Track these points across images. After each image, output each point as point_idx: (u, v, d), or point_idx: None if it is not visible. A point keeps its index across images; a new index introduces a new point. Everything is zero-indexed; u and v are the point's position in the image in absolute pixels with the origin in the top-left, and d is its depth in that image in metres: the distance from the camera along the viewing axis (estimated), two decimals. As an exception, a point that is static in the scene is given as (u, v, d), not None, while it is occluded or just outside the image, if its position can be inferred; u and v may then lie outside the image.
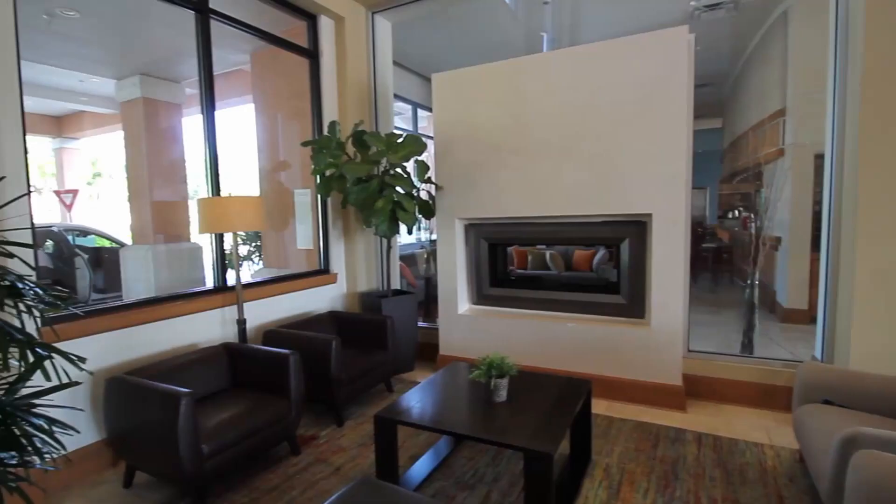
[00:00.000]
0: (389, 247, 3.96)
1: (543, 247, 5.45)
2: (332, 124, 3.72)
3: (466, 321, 3.89)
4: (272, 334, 3.19)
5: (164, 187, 5.70)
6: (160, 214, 5.64)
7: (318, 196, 4.05)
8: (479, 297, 4.03)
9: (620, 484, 2.29)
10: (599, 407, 3.20)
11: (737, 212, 8.54)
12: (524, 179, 3.57)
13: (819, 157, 4.52)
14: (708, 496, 2.18)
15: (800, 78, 4.94)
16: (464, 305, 4.02)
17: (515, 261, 5.59)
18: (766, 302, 5.94)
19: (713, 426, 2.89)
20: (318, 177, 3.83)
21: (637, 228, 3.32)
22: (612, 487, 2.26)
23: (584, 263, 5.56)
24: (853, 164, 2.66)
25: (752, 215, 6.52)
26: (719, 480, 2.30)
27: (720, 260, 8.46)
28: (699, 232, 9.27)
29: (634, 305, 3.40)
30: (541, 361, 3.58)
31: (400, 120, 7.77)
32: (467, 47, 6.45)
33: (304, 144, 3.75)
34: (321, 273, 4.13)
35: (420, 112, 7.63)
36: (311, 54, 4.08)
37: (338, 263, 4.26)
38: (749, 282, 4.06)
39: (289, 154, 4.72)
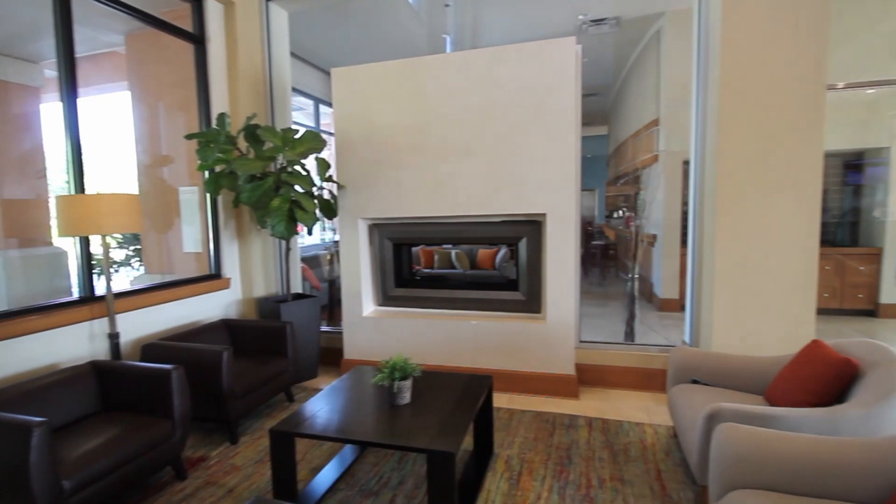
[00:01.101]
0: (288, 248, 3.76)
1: (450, 246, 5.54)
2: (221, 116, 3.44)
3: (371, 323, 3.83)
4: (152, 348, 2.87)
5: (18, 183, 4.88)
6: (12, 215, 4.83)
7: (208, 194, 3.73)
8: (385, 299, 3.98)
9: (520, 474, 2.39)
10: (501, 400, 3.32)
11: (621, 212, 9.37)
12: (427, 179, 3.59)
13: (686, 163, 5.11)
14: (598, 477, 2.35)
15: (670, 91, 5.54)
16: (369, 307, 3.95)
17: (422, 260, 5.61)
18: (645, 293, 6.59)
19: (602, 410, 3.13)
20: (205, 173, 3.52)
21: (533, 227, 3.49)
22: (513, 478, 2.35)
23: (487, 262, 5.74)
24: (713, 171, 3.03)
25: (633, 215, 7.19)
26: (607, 461, 2.50)
27: (607, 256, 9.23)
28: (589, 231, 10.03)
29: (532, 301, 3.58)
30: (446, 360, 3.62)
31: (302, 115, 7.44)
32: (371, 45, 6.35)
33: (189, 137, 3.42)
34: (212, 278, 3.80)
35: (323, 108, 7.37)
36: (197, 39, 3.73)
37: (231, 267, 3.95)
38: (630, 276, 4.45)
39: (173, 148, 4.29)
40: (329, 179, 3.72)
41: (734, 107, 2.92)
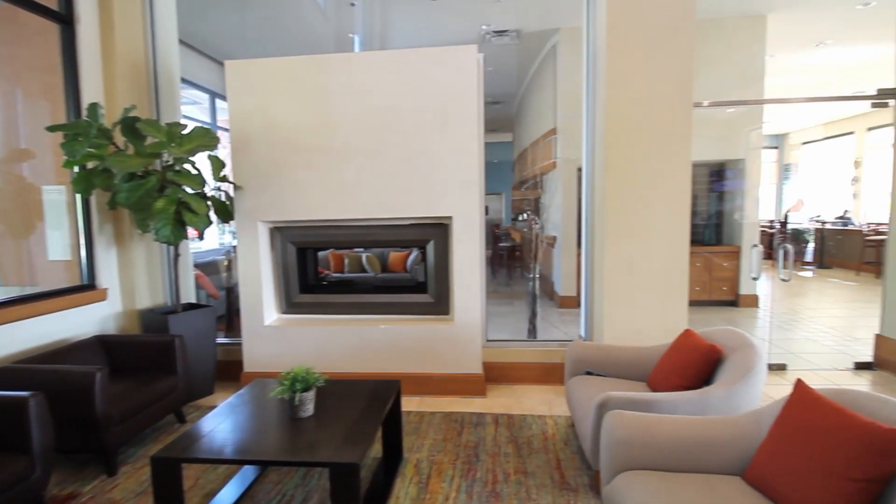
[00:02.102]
0: (178, 254, 3.44)
1: (361, 249, 5.43)
2: (93, 107, 3.06)
3: (274, 333, 3.62)
4: (5, 373, 2.46)
5: None
6: None
7: (78, 195, 3.29)
8: (289, 306, 3.79)
9: (429, 477, 2.39)
10: (411, 404, 3.31)
11: (525, 215, 9.85)
12: (332, 181, 3.49)
13: (580, 171, 5.50)
14: (503, 471, 2.43)
15: (566, 103, 5.92)
16: (271, 316, 3.74)
17: (332, 264, 5.44)
18: (547, 291, 6.98)
19: (508, 406, 3.24)
20: (74, 170, 3.11)
21: (440, 230, 3.54)
22: (422, 482, 2.35)
23: (399, 265, 5.72)
24: (602, 178, 3.28)
25: (536, 218, 7.58)
26: (512, 455, 2.59)
27: (514, 257, 9.64)
28: (496, 233, 10.42)
29: (440, 303, 3.62)
30: (356, 367, 3.54)
31: (198, 110, 6.88)
32: (273, 38, 6.04)
33: (51, 129, 3.00)
34: (85, 289, 3.36)
35: (221, 103, 6.87)
36: (64, 18, 3.29)
37: (108, 276, 3.52)
38: (531, 275, 4.68)
39: (34, 141, 3.73)
40: (224, 179, 3.46)
41: (618, 121, 3.18)
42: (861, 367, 3.88)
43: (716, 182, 6.64)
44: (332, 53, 3.47)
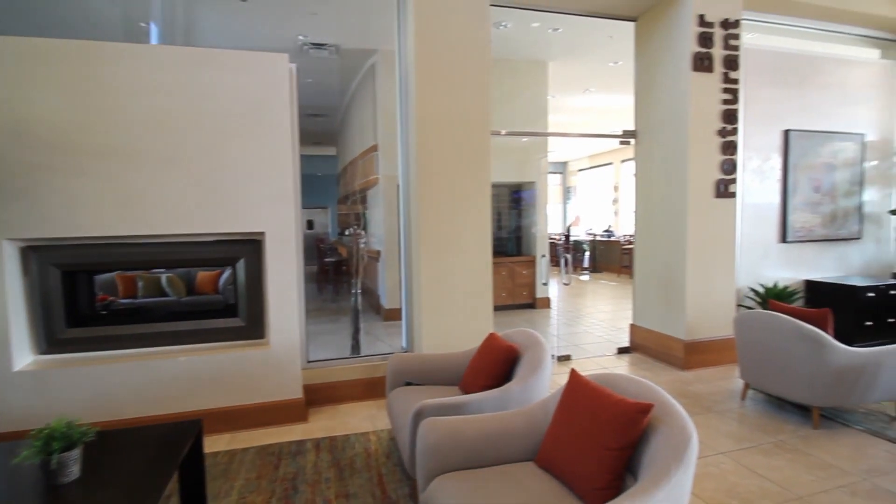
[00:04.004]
0: None
1: (163, 270, 4.68)
2: None
3: (29, 380, 2.87)
4: None
5: None
6: None
7: None
8: (51, 344, 3.05)
9: (240, 521, 2.16)
10: (220, 443, 2.96)
11: (352, 229, 9.81)
12: (115, 191, 2.94)
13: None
14: (323, 499, 2.33)
15: (385, 121, 6.10)
16: (24, 358, 2.95)
17: (120, 289, 4.57)
18: (374, 305, 7.04)
19: (330, 428, 3.14)
20: None
21: (252, 247, 3.27)
22: (231, 528, 2.11)
23: (209, 285, 5.09)
24: (416, 195, 3.45)
25: (362, 232, 7.61)
26: (334, 480, 2.50)
27: (341, 272, 9.48)
28: (321, 247, 10.14)
29: (253, 326, 3.33)
30: (149, 409, 3.01)
31: None
32: (44, 16, 4.87)
33: None
34: None
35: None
36: None
37: None
38: (353, 290, 4.66)
39: None
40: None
41: (429, 143, 3.40)
42: (622, 351, 4.82)
43: (516, 201, 7.59)
44: (120, 42, 2.95)
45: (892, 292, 4.64)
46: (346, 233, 10.42)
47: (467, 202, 3.49)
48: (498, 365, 2.51)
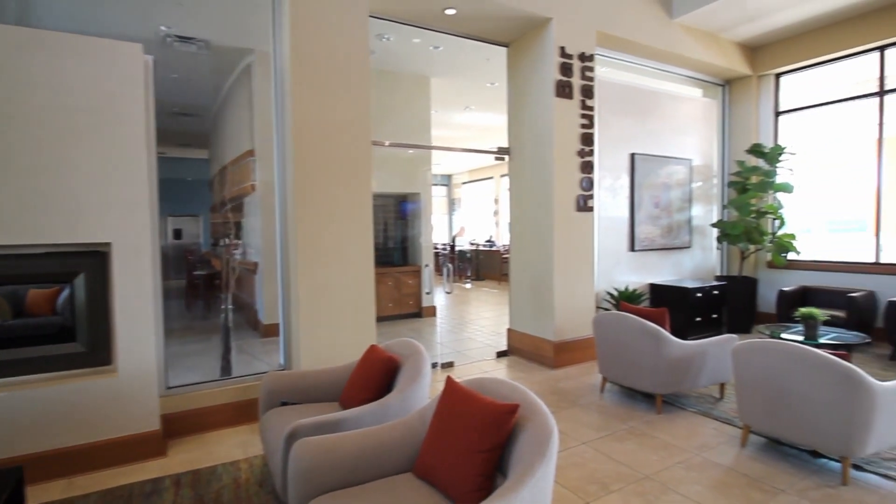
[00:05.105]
0: None
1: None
2: None
3: None
4: None
5: None
6: None
7: None
8: None
9: (72, 582, 1.84)
10: (53, 491, 2.51)
11: (227, 239, 9.05)
12: None
13: (279, 195, 5.42)
14: (182, 540, 2.09)
15: (262, 125, 5.76)
16: None
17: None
18: (251, 321, 6.55)
19: (194, 461, 2.83)
20: None
21: (94, 260, 2.84)
22: (60, 593, 1.79)
23: (44, 305, 4.30)
24: (293, 204, 3.30)
25: (237, 242, 7.07)
26: (195, 517, 2.26)
27: (213, 286, 8.68)
28: (190, 259, 9.20)
29: (97, 352, 2.89)
30: (-55, 461, 2.45)
31: None
32: None
33: None
34: None
35: None
36: None
37: None
38: (223, 306, 4.31)
39: None
40: None
41: (307, 151, 3.29)
42: (501, 354, 5.08)
43: (403, 211, 7.64)
44: None
45: (715, 292, 5.54)
46: (221, 243, 9.58)
47: (349, 212, 3.43)
48: (378, 377, 2.48)
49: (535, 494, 1.54)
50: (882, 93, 5.34)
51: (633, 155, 5.47)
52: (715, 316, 5.54)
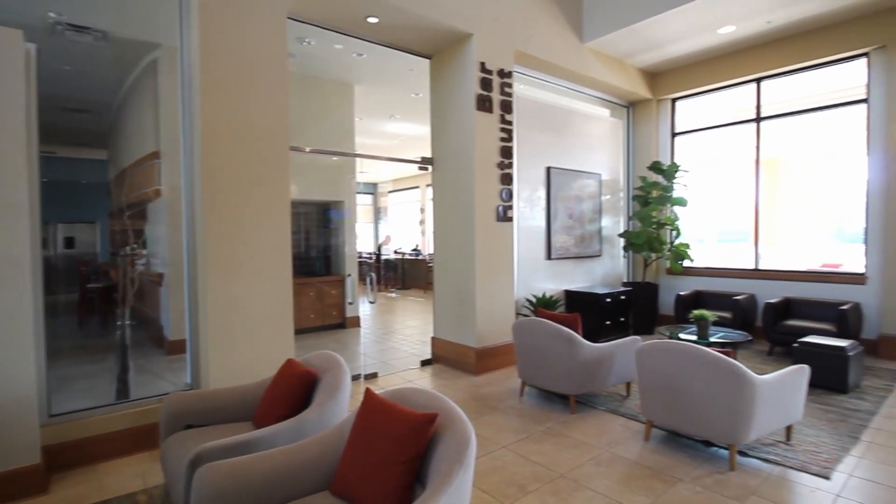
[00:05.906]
0: None
1: None
2: None
3: None
4: None
5: None
6: None
7: None
8: None
9: None
10: None
11: (129, 249, 8.26)
12: None
13: (189, 201, 5.05)
14: (64, 588, 1.86)
15: (169, 125, 5.35)
16: None
17: None
18: (156, 338, 6.01)
19: (81, 496, 2.54)
20: None
21: (-42, 275, 2.48)
22: None
23: None
24: (202, 211, 3.10)
25: (140, 252, 6.48)
26: (81, 559, 2.02)
27: (111, 300, 7.87)
28: (83, 271, 8.28)
29: (-40, 379, 2.51)
30: None
31: None
32: None
33: None
34: None
35: None
36: None
37: None
38: (119, 322, 3.93)
39: None
40: None
41: (216, 154, 3.11)
42: (425, 363, 5.09)
43: (326, 219, 7.44)
44: None
45: (622, 297, 5.96)
46: (121, 252, 8.72)
47: (264, 220, 3.28)
48: (294, 392, 2.38)
49: (454, 502, 1.56)
50: (758, 119, 6.09)
51: (549, 168, 5.76)
52: (622, 319, 5.96)
